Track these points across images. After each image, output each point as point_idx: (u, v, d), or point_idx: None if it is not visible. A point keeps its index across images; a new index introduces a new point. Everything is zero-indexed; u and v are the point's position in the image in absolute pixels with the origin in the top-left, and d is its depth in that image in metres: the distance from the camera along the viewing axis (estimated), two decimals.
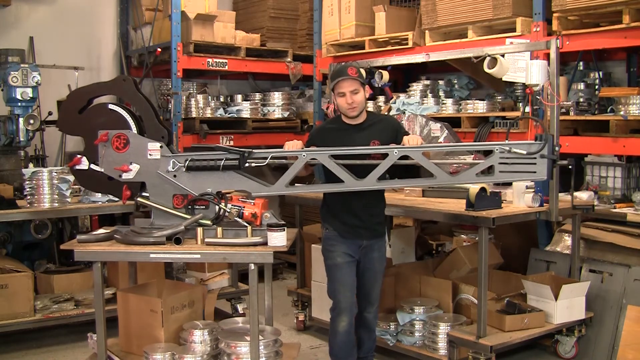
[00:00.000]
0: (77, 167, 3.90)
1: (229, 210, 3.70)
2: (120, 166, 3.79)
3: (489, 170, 3.67)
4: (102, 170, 3.84)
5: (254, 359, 3.60)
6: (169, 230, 3.65)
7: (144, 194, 3.84)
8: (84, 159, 3.89)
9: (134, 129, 3.87)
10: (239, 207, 3.74)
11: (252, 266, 3.53)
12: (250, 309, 3.62)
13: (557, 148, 3.61)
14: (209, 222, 3.70)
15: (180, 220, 3.72)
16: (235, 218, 3.70)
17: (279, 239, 3.53)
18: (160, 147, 3.79)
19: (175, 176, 3.78)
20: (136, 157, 3.80)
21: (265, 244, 3.56)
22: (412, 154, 3.65)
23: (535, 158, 3.58)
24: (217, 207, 3.72)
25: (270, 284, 4.24)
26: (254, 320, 3.56)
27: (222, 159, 3.72)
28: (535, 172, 3.60)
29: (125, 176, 3.81)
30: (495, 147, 3.62)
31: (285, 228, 3.56)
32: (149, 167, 3.81)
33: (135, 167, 3.80)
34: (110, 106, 3.93)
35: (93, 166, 3.87)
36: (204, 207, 3.74)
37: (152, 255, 3.66)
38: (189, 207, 3.76)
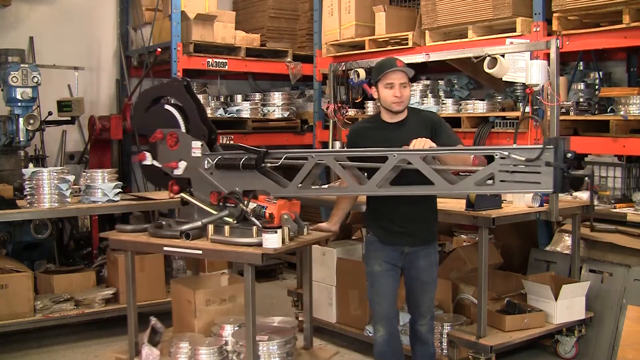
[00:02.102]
0: (143, 162, 4.10)
1: (247, 209, 3.72)
2: (170, 163, 3.97)
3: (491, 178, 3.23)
4: (160, 166, 4.03)
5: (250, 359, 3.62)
6: (187, 225, 3.79)
7: (190, 189, 4.00)
8: (148, 155, 4.09)
9: (183, 128, 4.03)
10: (262, 206, 3.77)
11: (247, 265, 3.55)
12: (245, 308, 3.62)
13: (569, 155, 3.01)
14: (232, 220, 3.75)
15: (209, 216, 3.83)
16: (252, 217, 3.71)
17: (271, 241, 3.52)
18: (201, 145, 3.92)
19: (212, 174, 3.88)
20: (184, 155, 3.97)
21: (260, 244, 3.56)
22: (411, 158, 3.36)
23: (539, 166, 3.03)
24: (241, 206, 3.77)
25: (308, 281, 4.30)
26: (249, 319, 3.57)
27: (245, 157, 3.78)
28: (539, 182, 3.05)
29: (175, 172, 3.98)
30: (496, 152, 3.16)
31: (278, 230, 3.52)
32: (193, 164, 3.95)
33: (182, 164, 3.97)
34: (166, 106, 4.12)
35: (154, 162, 4.07)
36: (233, 205, 3.79)
37: (165, 248, 3.85)
38: (220, 204, 3.83)
